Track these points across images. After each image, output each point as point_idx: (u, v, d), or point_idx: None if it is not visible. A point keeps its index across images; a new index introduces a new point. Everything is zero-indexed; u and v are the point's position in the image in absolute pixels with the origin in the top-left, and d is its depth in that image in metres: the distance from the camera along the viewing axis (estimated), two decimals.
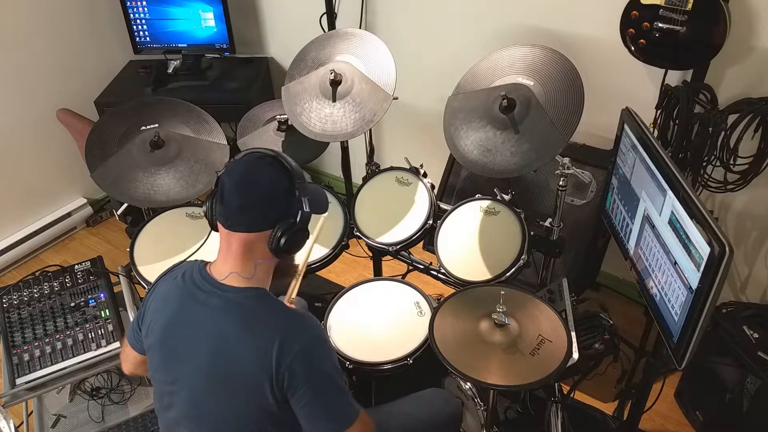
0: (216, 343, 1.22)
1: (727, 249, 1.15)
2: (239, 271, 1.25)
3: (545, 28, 2.25)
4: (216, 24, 2.89)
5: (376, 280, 2.00)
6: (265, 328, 1.21)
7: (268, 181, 1.23)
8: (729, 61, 1.93)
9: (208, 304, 1.25)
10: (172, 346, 1.29)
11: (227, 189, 1.23)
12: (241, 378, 1.21)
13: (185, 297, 1.28)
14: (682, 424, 2.16)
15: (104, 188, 1.94)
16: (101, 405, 2.03)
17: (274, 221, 1.23)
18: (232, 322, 1.22)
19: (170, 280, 1.34)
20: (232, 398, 1.23)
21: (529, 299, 1.58)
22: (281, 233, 1.22)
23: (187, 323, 1.27)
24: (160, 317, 1.31)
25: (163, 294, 1.34)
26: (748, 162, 1.90)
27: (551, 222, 1.86)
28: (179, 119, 2.05)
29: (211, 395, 1.24)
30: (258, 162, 1.25)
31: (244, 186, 1.23)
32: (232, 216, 1.24)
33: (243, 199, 1.22)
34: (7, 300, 1.91)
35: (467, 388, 1.78)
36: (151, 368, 1.36)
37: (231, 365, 1.21)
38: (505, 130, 1.76)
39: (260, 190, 1.23)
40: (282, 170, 1.25)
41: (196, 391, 1.26)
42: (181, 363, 1.28)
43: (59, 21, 2.90)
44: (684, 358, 1.34)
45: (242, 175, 1.24)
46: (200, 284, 1.28)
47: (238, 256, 1.25)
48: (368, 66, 1.99)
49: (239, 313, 1.23)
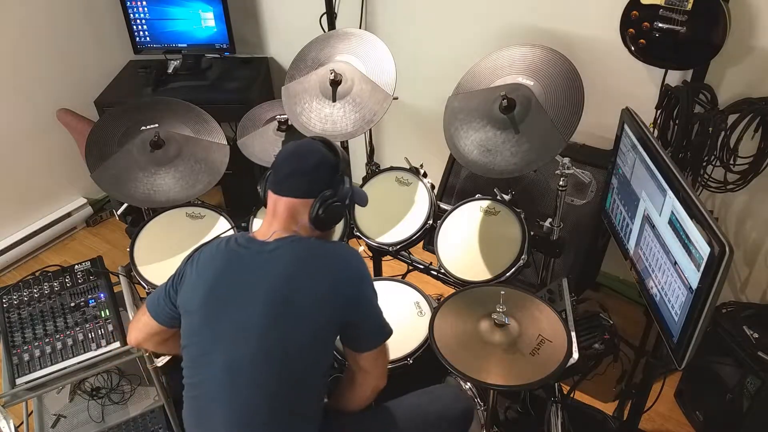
0: (272, 279, 1.30)
1: (727, 249, 1.15)
2: (282, 231, 1.35)
3: (545, 28, 2.25)
4: (216, 24, 2.88)
5: (376, 280, 2.00)
6: (319, 261, 1.33)
7: (318, 155, 1.36)
8: (729, 61, 1.93)
9: (257, 255, 1.33)
10: (219, 300, 1.32)
11: (281, 158, 1.38)
12: (299, 309, 1.28)
13: (231, 257, 1.35)
14: (682, 424, 2.16)
15: (104, 188, 1.94)
16: (101, 405, 2.03)
17: (318, 191, 1.34)
18: (285, 261, 1.31)
19: (213, 248, 1.40)
20: (291, 330, 1.28)
21: (529, 299, 1.58)
22: (321, 202, 1.34)
23: (236, 273, 1.33)
24: (203, 280, 1.35)
25: (206, 260, 1.39)
26: (748, 162, 1.90)
27: (551, 222, 1.86)
28: (179, 119, 2.05)
29: (268, 330, 1.28)
30: (311, 140, 1.41)
31: (296, 156, 1.38)
32: (281, 181, 1.36)
33: (294, 166, 1.36)
34: (7, 300, 1.91)
35: (467, 388, 1.78)
36: (187, 333, 1.37)
37: (290, 297, 1.28)
38: (505, 130, 1.76)
39: (309, 161, 1.36)
40: (331, 151, 1.39)
41: (250, 332, 1.28)
42: (230, 311, 1.31)
43: (59, 21, 2.89)
44: (684, 358, 1.34)
45: (296, 147, 1.39)
46: (246, 245, 1.36)
47: (282, 219, 1.35)
48: (368, 66, 1.99)
49: (290, 251, 1.33)
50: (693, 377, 2.13)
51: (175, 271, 1.44)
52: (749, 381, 1.86)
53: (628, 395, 2.00)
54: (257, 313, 1.28)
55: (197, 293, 1.35)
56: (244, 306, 1.30)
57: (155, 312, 1.45)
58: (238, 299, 1.31)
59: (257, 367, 1.29)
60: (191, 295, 1.36)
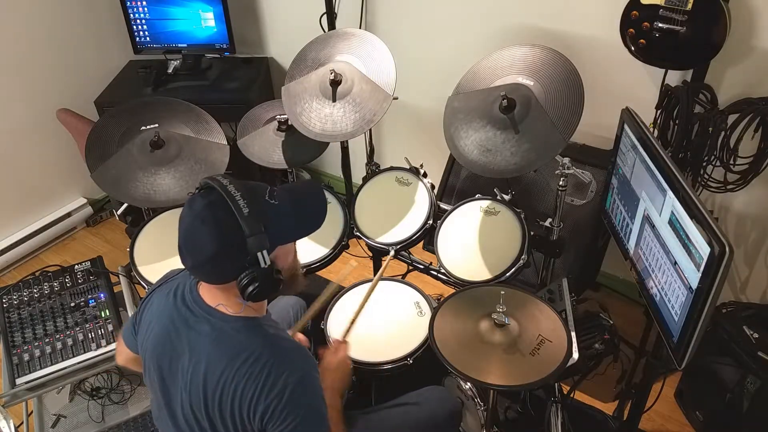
0: (204, 370, 1.20)
1: (727, 249, 1.15)
2: (227, 304, 1.22)
3: (545, 28, 2.25)
4: (216, 24, 2.88)
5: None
6: (251, 363, 1.17)
7: (210, 244, 1.12)
8: (729, 61, 1.93)
9: (200, 330, 1.22)
10: (162, 366, 1.27)
11: (180, 246, 1.17)
12: (226, 407, 1.18)
13: (177, 319, 1.26)
14: (682, 424, 2.16)
15: (104, 188, 1.94)
16: (101, 405, 2.03)
17: (235, 274, 1.14)
18: (220, 352, 1.19)
19: (163, 296, 1.31)
20: (216, 425, 1.21)
21: (529, 299, 1.58)
22: (246, 284, 1.14)
23: (177, 347, 1.24)
24: (152, 334, 1.30)
25: (156, 309, 1.32)
26: (748, 162, 1.90)
27: (551, 222, 1.86)
28: (179, 119, 2.06)
29: (196, 420, 1.23)
30: (200, 217, 1.13)
31: (189, 247, 1.16)
32: (191, 272, 1.20)
33: (192, 260, 1.16)
34: (7, 300, 1.91)
35: (467, 388, 1.78)
36: (145, 375, 1.35)
37: (217, 394, 1.19)
38: (505, 130, 1.76)
39: (205, 253, 1.13)
40: (228, 225, 1.11)
41: (182, 414, 1.25)
42: (169, 384, 1.27)
43: (59, 21, 2.89)
44: (684, 358, 1.34)
45: (186, 234, 1.15)
46: (191, 307, 1.25)
47: (220, 295, 1.22)
48: (368, 66, 1.99)
49: (228, 343, 1.20)
50: (693, 377, 2.13)
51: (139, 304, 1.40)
52: (749, 381, 1.86)
53: (628, 395, 2.00)
54: (189, 397, 1.22)
55: (148, 345, 1.30)
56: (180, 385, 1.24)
57: (128, 342, 1.44)
58: (174, 377, 1.25)
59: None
60: (143, 342, 1.32)
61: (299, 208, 1.22)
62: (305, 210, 1.24)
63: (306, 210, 1.25)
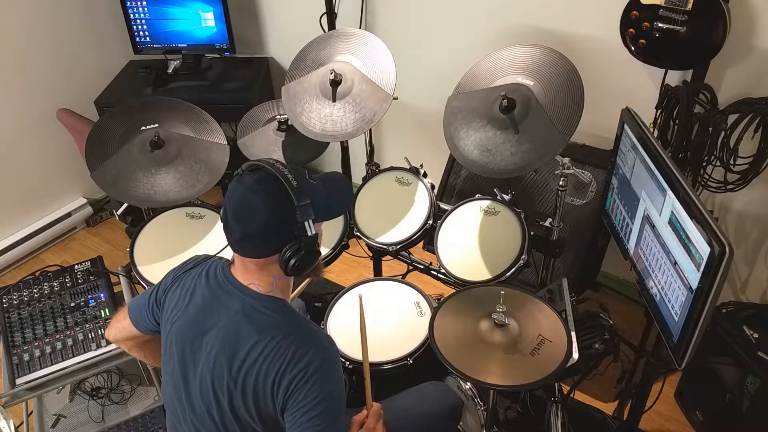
0: (233, 345, 1.24)
1: (727, 249, 1.15)
2: (258, 284, 1.27)
3: (545, 28, 2.25)
4: (216, 24, 2.89)
5: (376, 280, 2.00)
6: (279, 339, 1.22)
7: (264, 212, 1.18)
8: (729, 61, 1.93)
9: (230, 306, 1.27)
10: (190, 344, 1.30)
11: (228, 219, 1.22)
12: (250, 381, 1.22)
13: (208, 296, 1.30)
14: (682, 424, 2.16)
15: (104, 188, 1.94)
16: (101, 405, 2.03)
17: (279, 246, 1.21)
18: (251, 328, 1.23)
19: (195, 277, 1.35)
20: (235, 402, 1.24)
21: (529, 299, 1.58)
22: (289, 256, 1.20)
23: (207, 323, 1.28)
24: (183, 314, 1.32)
25: (187, 290, 1.34)
26: (748, 162, 1.90)
27: (551, 222, 1.86)
28: (179, 119, 2.05)
29: (215, 397, 1.25)
30: (253, 189, 1.19)
31: (240, 218, 1.20)
32: (236, 245, 1.24)
33: (242, 230, 1.20)
34: (7, 300, 1.91)
35: (467, 388, 1.78)
36: (164, 350, 1.36)
37: (243, 369, 1.22)
38: (505, 130, 1.76)
39: (257, 222, 1.18)
40: (279, 196, 1.18)
41: (199, 390, 1.27)
42: (189, 360, 1.29)
43: (59, 21, 2.89)
44: (684, 358, 1.34)
45: (238, 205, 1.20)
46: (224, 284, 1.29)
47: (255, 273, 1.26)
48: (368, 66, 1.99)
49: (258, 319, 1.24)
50: (693, 377, 2.13)
51: (159, 282, 1.41)
52: (749, 381, 1.86)
53: (628, 395, 2.00)
54: (216, 372, 1.25)
55: (175, 326, 1.32)
56: (207, 360, 1.26)
57: (136, 320, 1.44)
58: (202, 353, 1.28)
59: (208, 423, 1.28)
60: (168, 322, 1.34)
61: (330, 191, 1.31)
62: (336, 192, 1.35)
63: (336, 192, 1.35)
